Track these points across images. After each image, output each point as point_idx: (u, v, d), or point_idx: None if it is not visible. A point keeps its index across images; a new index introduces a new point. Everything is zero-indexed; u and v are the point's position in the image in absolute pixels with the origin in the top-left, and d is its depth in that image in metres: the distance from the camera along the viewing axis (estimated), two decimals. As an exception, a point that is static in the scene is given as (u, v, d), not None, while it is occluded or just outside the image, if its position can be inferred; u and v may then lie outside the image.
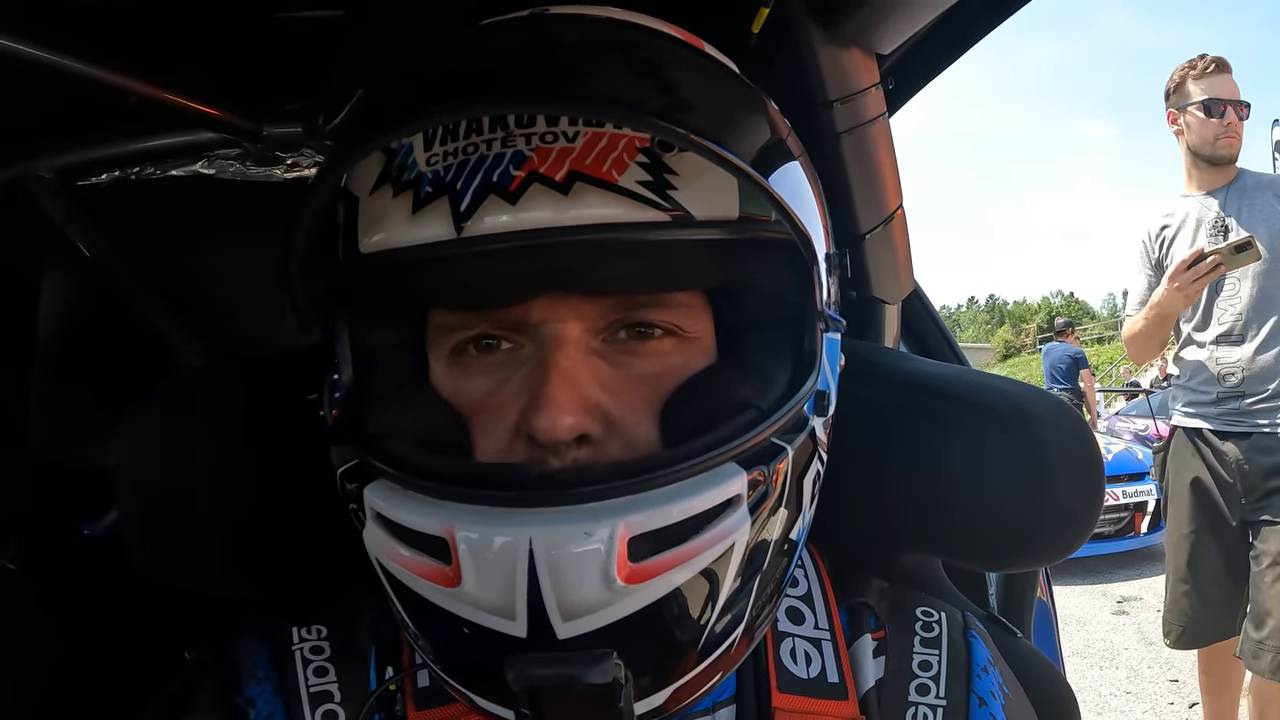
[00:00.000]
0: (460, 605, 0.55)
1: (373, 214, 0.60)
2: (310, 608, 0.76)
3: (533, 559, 0.52)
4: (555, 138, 0.57)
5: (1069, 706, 0.93)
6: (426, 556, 0.55)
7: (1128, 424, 9.84)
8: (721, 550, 0.56)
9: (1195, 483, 3.08)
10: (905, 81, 1.11)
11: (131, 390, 1.39)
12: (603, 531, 0.52)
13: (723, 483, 0.56)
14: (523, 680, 0.53)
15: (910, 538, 0.88)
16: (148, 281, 1.42)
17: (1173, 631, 3.17)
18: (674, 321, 0.63)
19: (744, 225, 0.60)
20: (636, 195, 0.57)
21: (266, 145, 1.27)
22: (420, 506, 0.56)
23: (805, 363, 0.63)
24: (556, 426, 0.57)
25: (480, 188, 0.56)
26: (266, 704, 0.69)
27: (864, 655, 0.76)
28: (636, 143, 0.58)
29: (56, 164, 1.30)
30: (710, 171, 0.58)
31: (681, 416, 0.61)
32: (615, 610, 0.53)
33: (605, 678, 0.53)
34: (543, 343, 0.60)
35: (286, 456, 0.77)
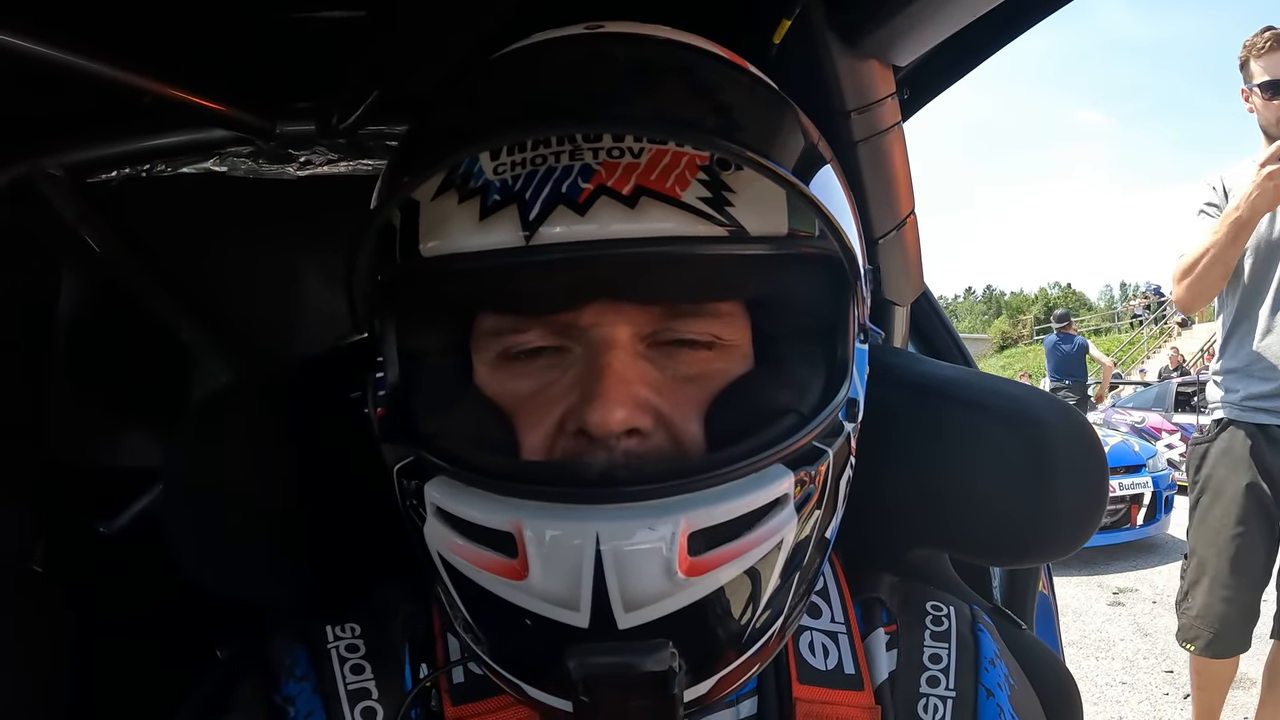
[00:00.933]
0: (525, 597, 0.57)
1: (436, 219, 0.61)
2: (342, 606, 0.77)
3: (599, 553, 0.54)
4: (621, 153, 0.60)
5: (1071, 697, 0.96)
6: (492, 550, 0.57)
7: (1125, 416, 9.91)
8: (771, 546, 0.59)
9: (1251, 483, 2.83)
10: (920, 91, 1.12)
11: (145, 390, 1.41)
12: (666, 527, 0.54)
13: (772, 482, 0.58)
14: (583, 669, 0.56)
15: (921, 534, 0.90)
16: (159, 279, 1.42)
17: (1201, 639, 2.92)
18: (715, 333, 0.66)
19: (791, 241, 0.63)
20: (698, 211, 0.59)
21: (279, 143, 1.27)
22: (486, 503, 0.57)
23: (839, 371, 0.66)
24: (610, 420, 0.59)
25: (549, 198, 0.58)
26: (306, 701, 0.71)
27: (877, 648, 0.78)
28: (698, 161, 0.60)
29: (66, 162, 1.30)
30: (762, 189, 0.61)
31: (726, 419, 0.64)
32: (674, 601, 0.56)
33: (661, 666, 0.55)
34: (592, 345, 0.63)
35: (321, 458, 0.78)
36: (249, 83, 1.19)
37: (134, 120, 1.28)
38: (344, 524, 0.79)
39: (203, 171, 1.34)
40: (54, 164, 1.29)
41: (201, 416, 0.82)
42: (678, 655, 0.56)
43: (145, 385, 1.42)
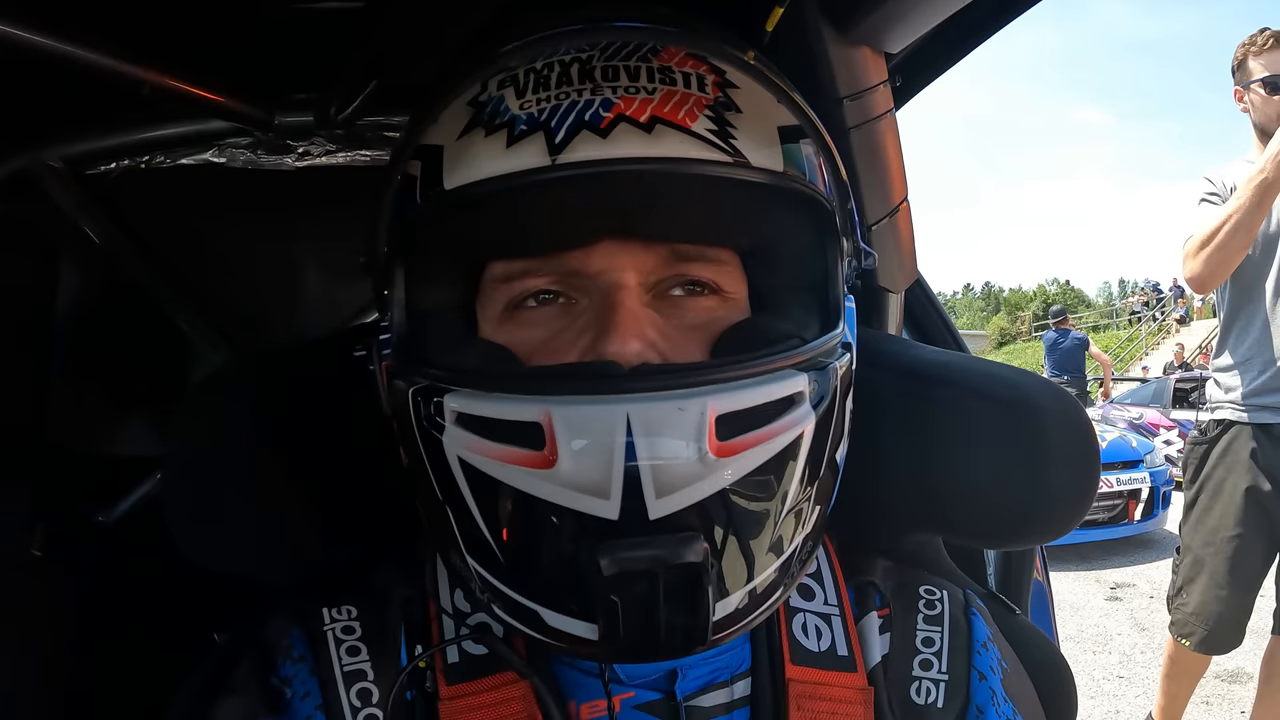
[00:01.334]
0: (552, 488, 0.58)
1: (462, 155, 0.66)
2: (339, 588, 0.78)
3: (630, 434, 0.56)
4: (638, 90, 0.66)
5: (1065, 681, 0.96)
6: (517, 446, 0.59)
7: (1122, 412, 9.92)
8: (793, 436, 0.62)
9: (1252, 483, 2.84)
10: (912, 78, 1.13)
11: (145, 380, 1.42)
12: (694, 407, 0.57)
13: (788, 379, 0.63)
14: (616, 564, 0.57)
15: (914, 518, 0.91)
16: (158, 270, 1.43)
17: (1195, 634, 2.95)
18: (716, 280, 0.70)
19: (786, 178, 0.68)
20: (706, 139, 0.65)
21: (278, 134, 1.27)
22: (514, 402, 0.60)
23: (834, 311, 0.71)
24: (627, 350, 0.62)
25: (573, 124, 0.64)
26: (303, 683, 0.72)
27: (870, 631, 0.79)
28: (704, 101, 0.67)
29: (65, 153, 1.30)
30: (761, 132, 0.68)
31: (730, 349, 0.68)
32: (705, 486, 0.58)
33: (696, 556, 0.57)
34: (603, 290, 0.66)
35: (319, 439, 0.79)
36: (247, 74, 1.19)
37: (133, 112, 1.28)
38: (341, 504, 0.80)
39: (201, 163, 1.34)
40: (53, 156, 1.29)
41: (203, 394, 0.83)
42: (709, 550, 0.58)
43: (145, 375, 1.42)
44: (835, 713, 0.73)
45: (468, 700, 0.70)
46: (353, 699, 0.70)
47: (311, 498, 0.82)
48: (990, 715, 0.75)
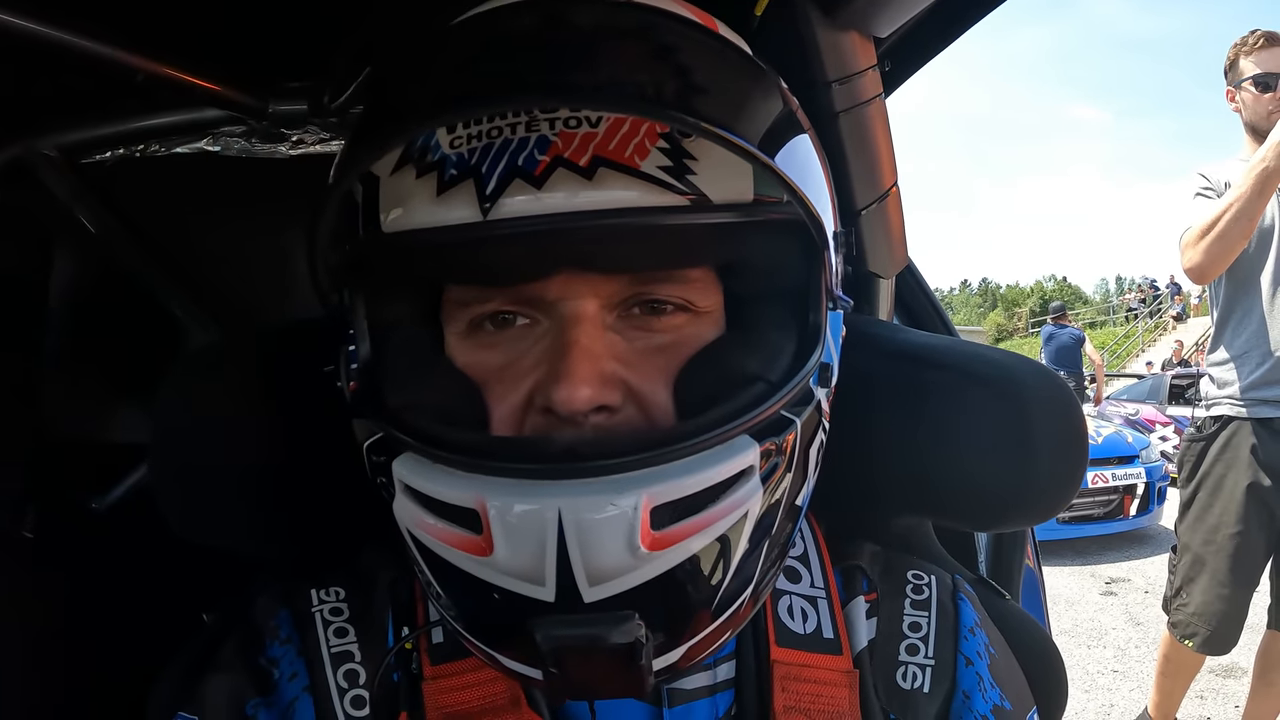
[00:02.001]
0: (491, 573, 0.57)
1: (395, 194, 0.61)
2: (326, 569, 0.78)
3: (561, 528, 0.54)
4: (579, 123, 0.58)
5: (1055, 666, 0.96)
6: (457, 527, 0.57)
7: (1118, 408, 9.93)
8: (736, 518, 0.59)
9: (1254, 479, 2.80)
10: (902, 63, 1.13)
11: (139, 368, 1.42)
12: (627, 501, 0.54)
13: (737, 454, 0.58)
14: (550, 641, 0.56)
15: (902, 501, 0.91)
16: (153, 259, 1.43)
17: (1199, 635, 2.90)
18: (685, 297, 0.65)
19: (757, 208, 0.62)
20: (657, 180, 0.58)
21: (272, 122, 1.27)
22: (450, 479, 0.57)
23: (811, 337, 0.65)
24: (575, 398, 0.59)
25: (505, 171, 0.58)
26: (290, 664, 0.72)
27: (857, 616, 0.78)
28: (658, 129, 0.59)
29: (60, 142, 1.30)
30: (727, 156, 0.59)
31: (695, 387, 0.63)
32: (638, 575, 0.56)
33: (628, 638, 0.56)
34: (560, 319, 0.62)
35: (306, 420, 0.79)
36: (241, 62, 1.19)
37: (127, 100, 1.28)
38: (330, 485, 0.80)
39: (196, 151, 1.34)
40: (48, 145, 1.29)
41: (191, 367, 0.84)
42: (644, 626, 0.56)
43: (139, 362, 1.43)
44: (820, 695, 0.72)
45: (452, 680, 0.71)
46: (340, 680, 0.71)
47: (300, 474, 0.82)
48: (976, 700, 0.75)
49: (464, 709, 0.70)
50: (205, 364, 0.86)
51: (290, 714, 0.70)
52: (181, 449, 0.81)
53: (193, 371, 0.84)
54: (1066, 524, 6.80)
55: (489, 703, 0.70)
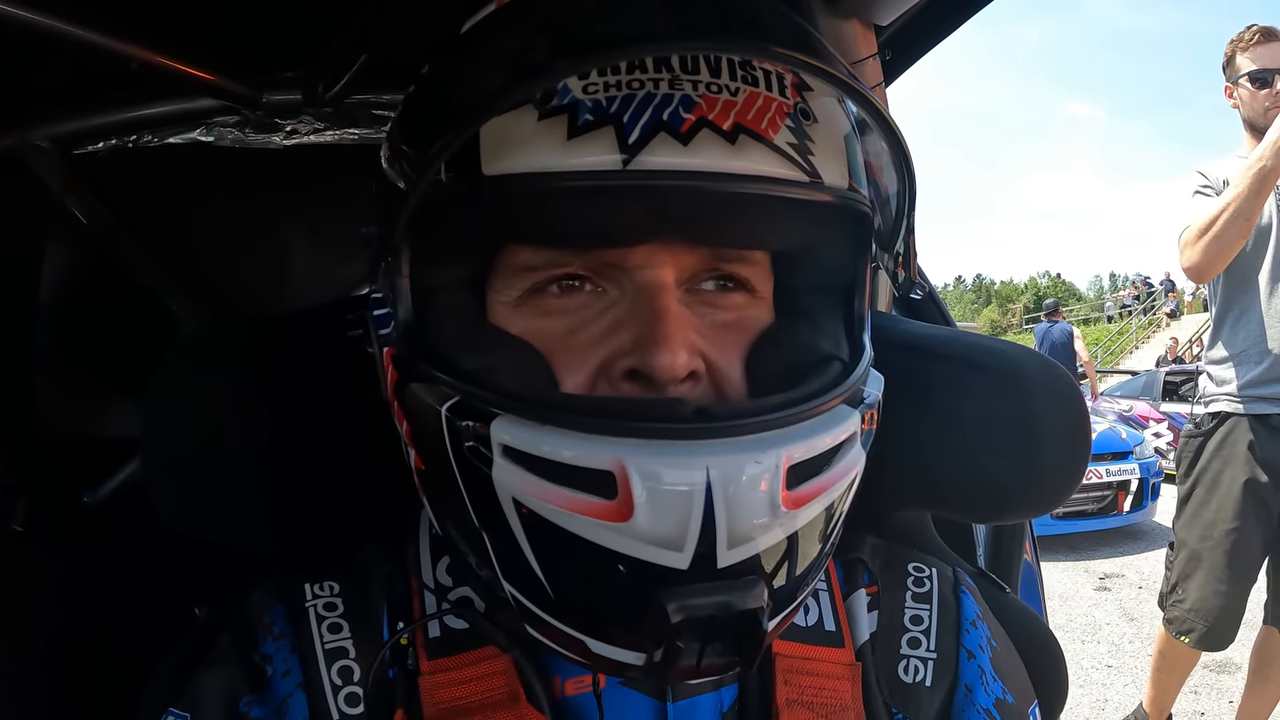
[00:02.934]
0: (624, 540, 0.54)
1: (507, 135, 0.58)
2: (321, 563, 0.77)
3: (710, 489, 0.53)
4: (720, 89, 0.59)
5: (1056, 660, 0.96)
6: (584, 493, 0.54)
7: (1112, 404, 9.96)
8: (850, 480, 0.61)
9: (1250, 476, 2.81)
10: (902, 52, 1.12)
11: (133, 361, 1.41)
12: (770, 459, 0.54)
13: (845, 420, 0.60)
14: (683, 611, 0.54)
15: (904, 493, 0.91)
16: (146, 250, 1.42)
17: (1196, 631, 2.91)
18: (750, 277, 0.66)
19: (849, 195, 0.64)
20: (789, 155, 0.60)
21: (266, 112, 1.26)
22: (577, 441, 0.54)
23: (859, 324, 0.69)
24: (676, 364, 0.59)
25: (649, 123, 0.56)
26: (284, 660, 0.71)
27: (859, 609, 0.78)
28: (784, 108, 0.61)
29: (53, 133, 1.29)
30: (832, 142, 0.63)
31: (770, 364, 0.65)
32: (772, 535, 0.56)
33: (757, 603, 0.56)
34: (641, 287, 0.62)
35: (300, 412, 0.78)
36: (236, 51, 1.18)
37: (121, 90, 1.28)
38: (324, 479, 0.79)
39: (189, 141, 1.33)
40: (40, 135, 1.28)
41: (183, 357, 0.83)
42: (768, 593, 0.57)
43: (132, 355, 1.42)
44: (823, 687, 0.72)
45: (449, 675, 0.69)
46: (334, 677, 0.69)
47: (293, 466, 0.82)
48: (979, 694, 0.75)
49: (462, 704, 0.68)
50: (198, 354, 0.85)
51: (284, 711, 0.69)
52: (173, 439, 0.80)
53: (185, 361, 0.83)
54: (1060, 519, 6.82)
55: (487, 697, 0.68)
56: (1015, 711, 0.75)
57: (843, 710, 0.71)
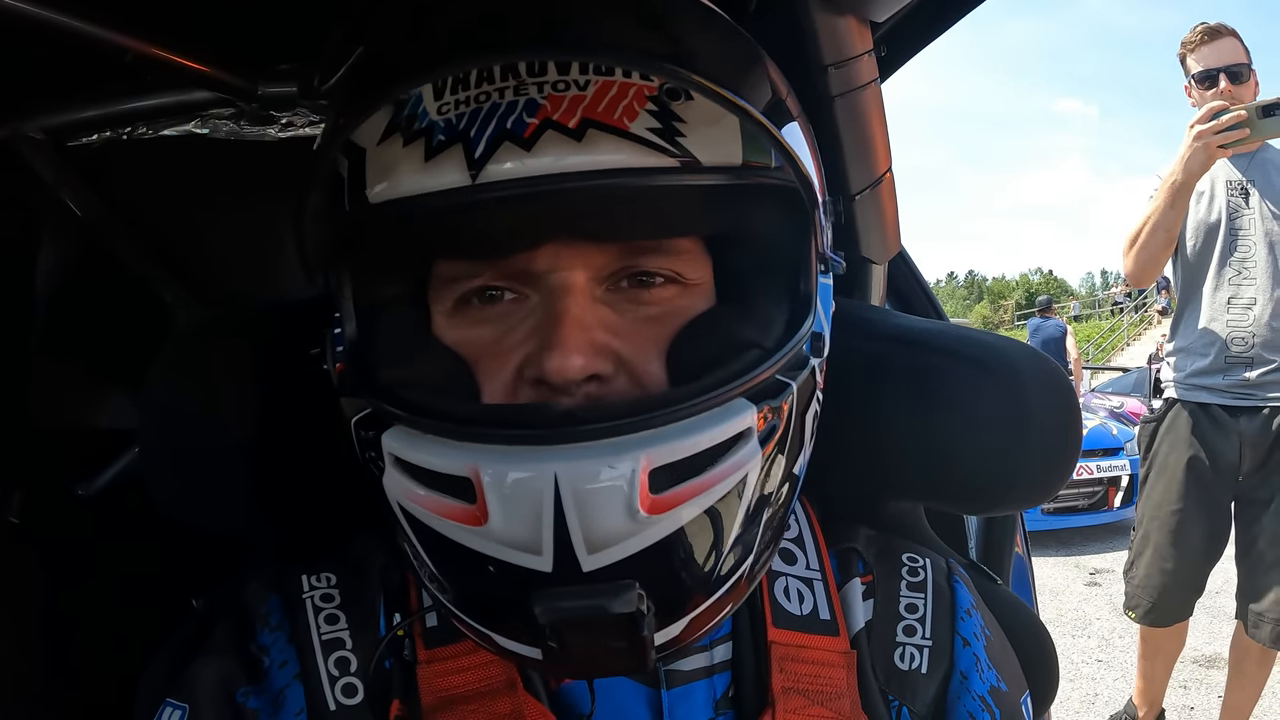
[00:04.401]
0: (485, 543, 0.56)
1: (382, 164, 0.60)
2: (318, 554, 0.78)
3: (558, 494, 0.53)
4: (567, 86, 0.58)
5: (1046, 649, 0.97)
6: (450, 497, 0.56)
7: (1103, 400, 9.99)
8: (735, 481, 0.58)
9: (1192, 460, 2.98)
10: (897, 49, 1.12)
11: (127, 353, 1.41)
12: (625, 465, 0.54)
13: (735, 416, 0.58)
14: (550, 613, 0.55)
15: (897, 485, 0.92)
16: (141, 242, 1.42)
17: (1141, 606, 3.14)
18: (675, 269, 0.65)
19: (747, 171, 0.62)
20: (647, 141, 0.58)
21: (261, 105, 1.25)
22: (442, 449, 0.57)
23: (802, 305, 0.66)
24: (568, 366, 0.58)
25: (494, 135, 0.57)
26: (280, 651, 0.71)
27: (854, 598, 0.79)
28: (646, 91, 0.59)
29: (46, 125, 1.28)
30: (715, 120, 0.60)
31: (688, 355, 0.63)
32: (638, 541, 0.55)
33: (629, 607, 0.55)
34: (549, 291, 0.62)
35: (296, 400, 0.79)
36: (231, 43, 1.18)
37: (115, 82, 1.27)
38: (321, 468, 0.80)
39: (184, 134, 1.32)
40: (34, 127, 1.28)
41: (182, 344, 0.83)
42: (645, 597, 0.56)
43: (126, 347, 1.41)
44: (818, 675, 0.73)
45: (447, 664, 0.70)
46: (331, 668, 0.70)
47: (290, 454, 0.82)
48: (974, 681, 0.75)
49: (460, 693, 0.69)
50: (194, 343, 0.85)
51: (281, 702, 0.69)
52: (170, 428, 0.81)
53: (181, 351, 0.83)
54: (1051, 515, 6.85)
55: (485, 686, 0.69)
56: (1009, 700, 0.76)
57: (838, 697, 0.72)
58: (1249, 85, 2.87)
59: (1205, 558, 3.05)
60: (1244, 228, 2.90)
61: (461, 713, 0.68)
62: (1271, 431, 2.90)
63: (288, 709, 0.69)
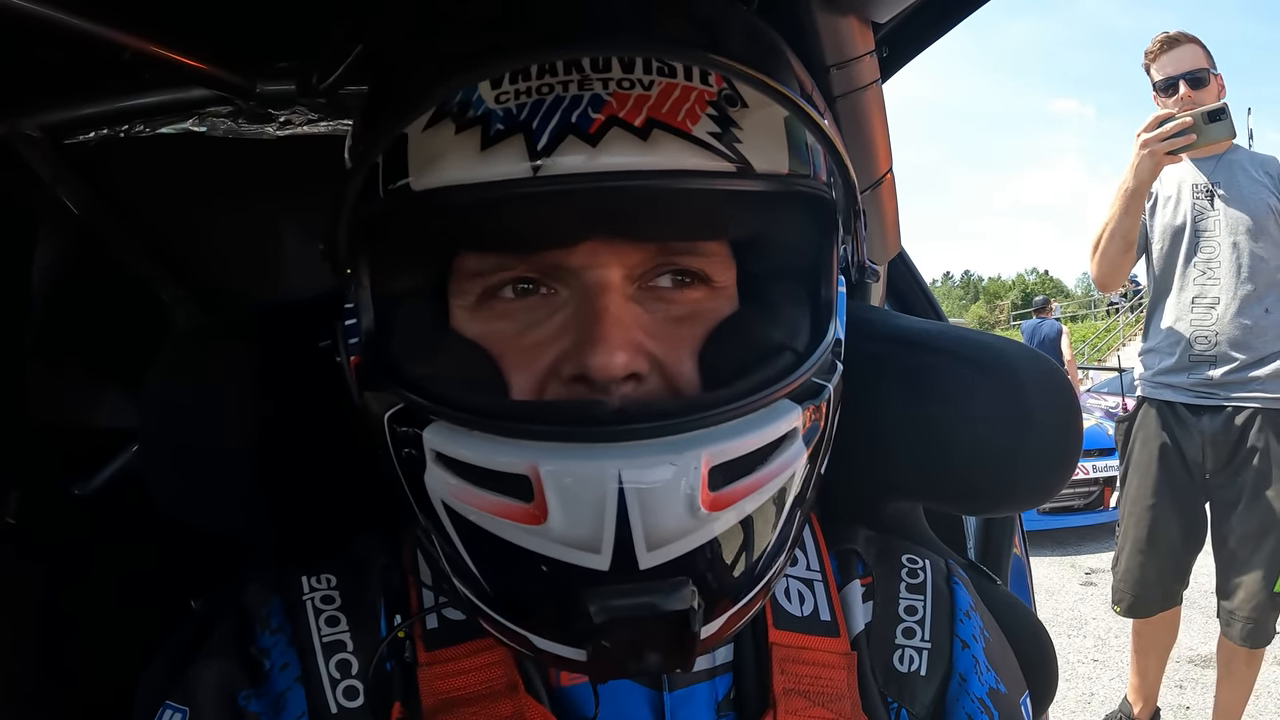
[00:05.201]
0: (543, 542, 0.55)
1: (430, 151, 0.59)
2: (318, 555, 0.77)
3: (622, 491, 0.53)
4: (632, 85, 0.58)
5: (1047, 651, 0.97)
6: (504, 495, 0.55)
7: (1099, 401, 10.00)
8: (785, 479, 0.60)
9: (1162, 456, 3.10)
10: (899, 49, 1.12)
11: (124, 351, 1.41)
12: (688, 461, 0.54)
13: (783, 416, 0.59)
14: (604, 612, 0.55)
15: (898, 485, 0.92)
16: (138, 240, 1.41)
17: (1124, 600, 3.25)
18: (705, 270, 0.65)
19: (792, 180, 0.63)
20: (709, 145, 0.59)
21: (259, 102, 1.25)
22: (496, 446, 0.56)
23: (824, 310, 0.66)
24: (612, 364, 0.58)
25: (558, 127, 0.57)
26: (281, 654, 0.71)
27: (854, 600, 0.79)
28: (707, 96, 0.60)
29: (44, 122, 1.28)
30: (766, 127, 0.61)
31: (721, 357, 0.63)
32: (695, 538, 0.56)
33: (683, 604, 0.55)
34: (585, 288, 0.62)
35: (297, 400, 0.78)
36: (229, 40, 1.17)
37: (112, 80, 1.26)
38: (321, 469, 0.79)
39: (181, 132, 1.32)
40: (31, 125, 1.27)
41: (183, 343, 0.83)
42: (697, 592, 0.56)
43: (123, 346, 1.41)
44: (819, 676, 0.72)
45: (447, 666, 0.70)
46: (332, 670, 0.69)
47: (291, 454, 0.82)
48: (973, 683, 0.75)
49: (461, 694, 0.68)
50: (194, 343, 0.85)
51: (282, 705, 0.69)
52: (170, 428, 0.80)
53: (182, 350, 0.83)
54: (1047, 515, 6.86)
55: (486, 688, 0.68)
56: (1008, 701, 0.76)
57: (839, 699, 0.71)
58: (1210, 89, 2.94)
59: (1184, 549, 3.14)
60: (1208, 229, 2.99)
61: (462, 715, 0.67)
62: (1234, 431, 2.98)
63: (289, 712, 0.68)
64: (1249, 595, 3.00)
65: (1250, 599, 3.00)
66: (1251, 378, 2.94)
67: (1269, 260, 2.93)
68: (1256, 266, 2.93)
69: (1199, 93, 2.93)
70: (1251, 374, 2.94)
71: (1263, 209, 2.92)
